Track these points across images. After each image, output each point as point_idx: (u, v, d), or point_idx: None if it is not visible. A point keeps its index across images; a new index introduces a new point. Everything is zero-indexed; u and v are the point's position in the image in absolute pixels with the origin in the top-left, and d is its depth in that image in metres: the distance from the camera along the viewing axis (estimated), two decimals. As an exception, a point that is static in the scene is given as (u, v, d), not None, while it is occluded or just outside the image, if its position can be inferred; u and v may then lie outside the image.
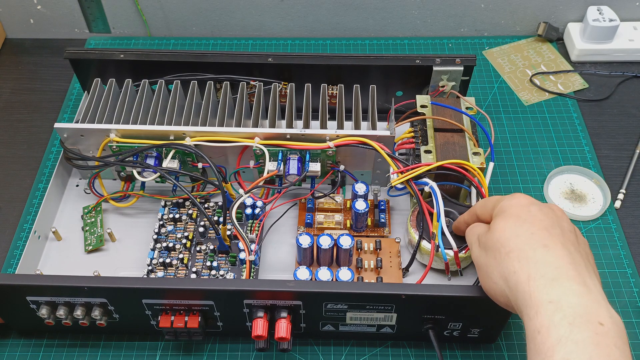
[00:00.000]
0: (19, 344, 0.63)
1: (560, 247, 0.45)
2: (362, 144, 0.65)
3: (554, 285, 0.42)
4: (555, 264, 0.44)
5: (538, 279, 0.42)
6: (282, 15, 0.94)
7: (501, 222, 0.49)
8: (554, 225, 0.47)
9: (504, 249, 0.47)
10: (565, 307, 0.40)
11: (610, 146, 0.80)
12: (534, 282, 0.42)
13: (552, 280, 0.42)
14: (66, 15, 0.94)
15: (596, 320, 0.40)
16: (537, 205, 0.49)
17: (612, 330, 0.40)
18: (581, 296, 0.41)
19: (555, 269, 0.43)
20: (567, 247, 0.45)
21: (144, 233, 0.69)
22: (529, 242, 0.46)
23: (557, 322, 0.40)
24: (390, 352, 0.62)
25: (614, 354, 0.39)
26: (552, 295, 0.41)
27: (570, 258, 0.44)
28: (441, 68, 0.72)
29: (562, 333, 0.39)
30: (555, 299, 0.41)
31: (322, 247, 0.62)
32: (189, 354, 0.62)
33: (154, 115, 0.70)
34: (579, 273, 0.43)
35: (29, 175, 0.78)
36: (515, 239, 0.46)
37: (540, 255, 0.44)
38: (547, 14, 0.93)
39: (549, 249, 0.45)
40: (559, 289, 0.42)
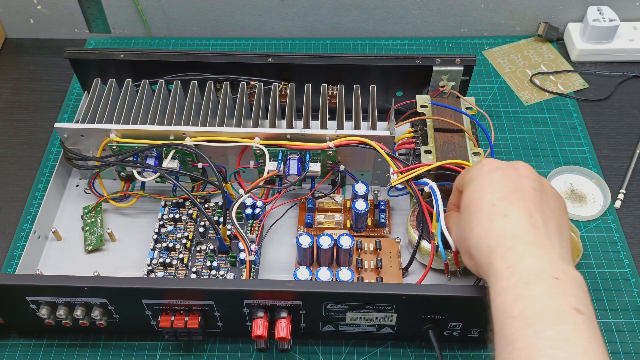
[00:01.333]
0: (19, 344, 0.63)
1: (519, 213, 0.46)
2: (362, 144, 0.65)
3: (511, 252, 0.44)
4: (512, 232, 0.45)
5: (497, 249, 0.45)
6: (282, 15, 0.94)
7: (466, 197, 0.50)
8: (516, 189, 0.48)
9: (468, 226, 0.49)
10: (521, 269, 0.43)
11: (610, 146, 0.80)
12: (493, 253, 0.45)
13: (509, 248, 0.44)
14: (66, 15, 0.94)
15: (550, 276, 0.42)
16: (500, 170, 0.50)
17: (567, 282, 0.42)
18: (536, 257, 0.43)
19: (512, 237, 0.45)
20: (528, 211, 0.46)
21: (144, 233, 0.69)
22: (489, 215, 0.47)
23: (514, 283, 0.42)
24: (390, 352, 0.62)
25: (569, 301, 0.41)
26: (508, 262, 0.44)
27: (529, 222, 0.46)
28: (441, 68, 0.72)
29: (518, 292, 0.42)
30: (512, 264, 0.43)
31: (322, 247, 0.62)
32: (189, 354, 0.62)
33: (154, 115, 0.70)
34: (537, 236, 0.45)
35: (29, 175, 0.78)
36: (477, 214, 0.48)
37: (499, 226, 0.46)
38: (547, 14, 0.93)
39: (508, 218, 0.46)
40: (515, 255, 0.44)
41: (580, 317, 0.40)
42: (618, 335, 0.63)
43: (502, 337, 0.42)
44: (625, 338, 0.63)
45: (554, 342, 0.39)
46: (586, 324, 0.40)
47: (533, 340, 0.39)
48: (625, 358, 0.61)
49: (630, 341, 0.62)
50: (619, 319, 0.64)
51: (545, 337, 0.39)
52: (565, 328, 0.40)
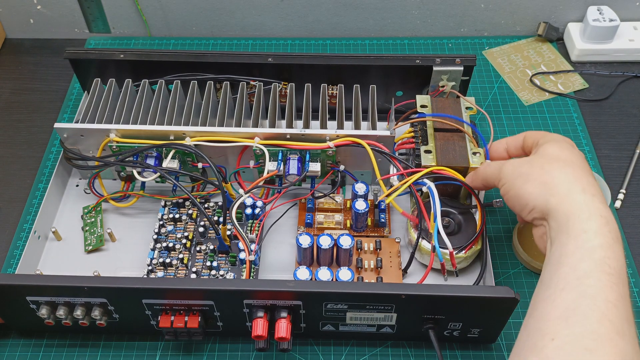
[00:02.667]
0: (19, 344, 0.63)
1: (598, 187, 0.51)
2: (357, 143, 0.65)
3: (606, 208, 0.48)
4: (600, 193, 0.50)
5: (592, 195, 0.49)
6: (282, 15, 0.94)
7: (555, 148, 0.54)
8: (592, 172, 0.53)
9: (557, 163, 0.52)
10: (612, 227, 0.47)
11: (610, 146, 0.80)
12: (590, 196, 0.48)
13: (602, 202, 0.48)
14: (66, 15, 0.94)
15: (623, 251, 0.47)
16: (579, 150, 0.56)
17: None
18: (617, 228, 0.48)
19: (602, 196, 0.49)
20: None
21: (144, 233, 0.69)
22: (584, 170, 0.52)
23: (607, 232, 0.46)
24: (390, 352, 0.62)
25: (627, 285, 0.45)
26: (603, 214, 0.47)
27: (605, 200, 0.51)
28: (441, 68, 0.72)
29: (608, 240, 0.45)
30: (606, 217, 0.47)
31: (322, 247, 0.62)
32: (189, 354, 0.62)
33: (154, 115, 0.70)
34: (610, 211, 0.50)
35: (29, 175, 0.78)
36: (572, 161, 0.52)
37: (592, 181, 0.51)
38: (547, 14, 0.93)
39: (595, 183, 0.51)
40: (609, 213, 0.48)
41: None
42: (618, 335, 0.63)
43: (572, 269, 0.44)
44: (625, 338, 0.63)
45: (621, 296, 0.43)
46: None
47: (605, 286, 0.43)
48: (625, 358, 0.61)
49: (630, 341, 0.62)
50: (619, 319, 0.64)
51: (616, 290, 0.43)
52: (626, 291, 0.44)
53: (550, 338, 0.41)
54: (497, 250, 0.70)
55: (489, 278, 0.63)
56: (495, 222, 0.72)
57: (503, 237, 0.71)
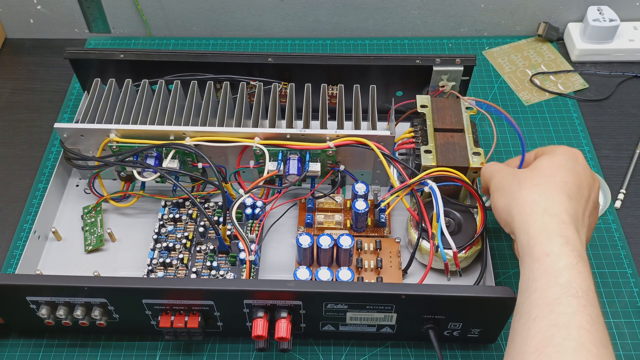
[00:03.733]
0: (19, 344, 0.63)
1: (578, 206, 0.51)
2: (362, 144, 0.65)
3: (567, 227, 0.48)
4: (571, 212, 0.49)
5: (554, 216, 0.48)
6: (282, 15, 0.94)
7: (546, 160, 0.54)
8: (586, 186, 0.53)
9: (535, 180, 0.52)
10: (573, 244, 0.46)
11: (610, 146, 0.80)
12: (550, 217, 0.48)
13: (564, 223, 0.48)
14: (66, 15, 0.94)
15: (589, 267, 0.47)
16: (584, 164, 0.54)
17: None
18: (581, 246, 0.48)
19: (569, 216, 0.49)
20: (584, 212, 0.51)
21: (144, 233, 0.69)
22: (558, 187, 0.51)
23: (568, 252, 0.46)
24: (390, 352, 0.62)
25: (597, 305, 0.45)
26: (564, 234, 0.47)
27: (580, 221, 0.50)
28: (441, 68, 0.72)
29: (571, 261, 0.45)
30: (566, 236, 0.47)
31: (322, 247, 0.62)
32: (189, 354, 0.62)
33: (154, 115, 0.70)
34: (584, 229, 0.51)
35: (29, 175, 0.78)
36: (550, 177, 0.52)
37: (562, 199, 0.50)
38: (547, 14, 0.93)
39: (571, 201, 0.50)
40: (569, 232, 0.47)
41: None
42: (618, 335, 0.63)
43: (541, 296, 0.44)
44: (625, 338, 0.63)
45: (592, 319, 0.42)
46: None
47: (576, 311, 0.43)
48: (625, 358, 0.61)
49: (630, 341, 0.62)
50: (619, 319, 0.64)
51: (587, 313, 0.42)
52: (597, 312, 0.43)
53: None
54: (497, 250, 0.70)
55: (489, 278, 0.63)
56: (495, 222, 0.72)
57: (503, 237, 0.71)
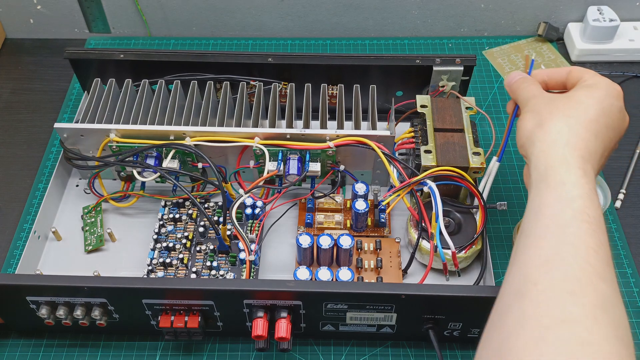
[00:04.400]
0: (19, 344, 0.63)
1: (600, 146, 0.51)
2: (362, 144, 0.65)
3: (586, 163, 0.48)
4: (592, 150, 0.49)
5: (575, 150, 0.49)
6: (282, 15, 0.94)
7: (585, 94, 0.53)
8: (615, 128, 0.53)
9: (567, 111, 0.52)
10: (590, 178, 0.47)
11: (610, 146, 0.80)
12: (570, 150, 0.49)
13: (584, 158, 0.48)
14: (66, 15, 0.94)
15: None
16: (620, 104, 0.55)
17: None
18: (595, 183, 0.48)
19: (590, 154, 0.49)
20: (603, 153, 0.51)
21: (144, 233, 0.69)
22: (588, 123, 0.51)
23: (584, 183, 0.46)
24: (390, 352, 0.62)
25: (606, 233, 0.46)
26: (583, 167, 0.48)
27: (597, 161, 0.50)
28: (441, 68, 0.72)
29: (586, 191, 0.46)
30: (585, 170, 0.48)
31: (322, 247, 0.62)
32: (189, 354, 0.62)
33: (154, 115, 0.70)
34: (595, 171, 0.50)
35: (29, 175, 0.78)
36: (583, 112, 0.51)
37: (588, 136, 0.50)
38: (547, 14, 0.93)
39: (597, 140, 0.50)
40: (587, 167, 0.48)
41: None
42: (618, 335, 0.63)
43: (552, 218, 0.45)
44: (625, 338, 0.63)
45: (601, 243, 0.43)
46: None
47: (586, 234, 0.43)
48: (625, 358, 0.61)
49: (630, 341, 0.62)
50: (619, 319, 0.64)
51: (596, 237, 0.44)
52: (605, 240, 0.44)
53: (533, 283, 0.42)
54: (497, 250, 0.70)
55: (489, 278, 0.63)
56: (495, 222, 0.72)
57: (503, 237, 0.71)
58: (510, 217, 0.73)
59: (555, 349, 0.37)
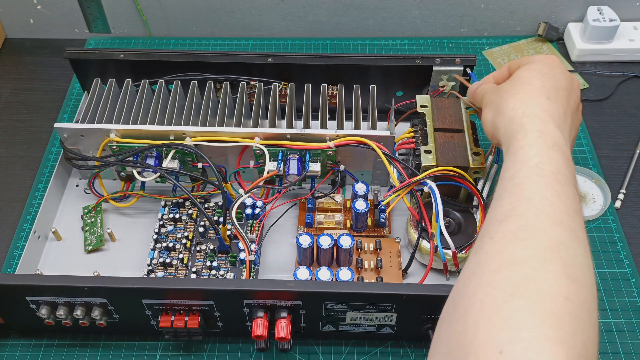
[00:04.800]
0: (19, 344, 0.63)
1: (559, 106, 0.53)
2: (362, 144, 0.65)
3: (544, 124, 0.50)
4: (550, 111, 0.51)
5: (532, 117, 0.51)
6: (282, 15, 0.94)
7: (524, 70, 0.56)
8: (565, 88, 0.55)
9: (513, 90, 0.54)
10: (548, 137, 0.49)
11: (610, 146, 0.80)
12: (528, 118, 0.51)
13: (542, 120, 0.50)
14: (66, 15, 0.94)
15: (568, 157, 0.48)
16: (561, 68, 0.56)
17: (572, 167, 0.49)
18: (560, 137, 0.49)
19: (548, 115, 0.51)
20: (565, 111, 0.53)
21: (144, 233, 0.69)
22: (536, 91, 0.53)
23: (540, 143, 0.48)
24: (390, 352, 0.62)
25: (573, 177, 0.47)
26: (540, 128, 0.49)
27: (562, 119, 0.52)
28: (441, 68, 0.72)
29: (541, 149, 0.47)
30: (542, 131, 0.49)
31: (322, 247, 0.62)
32: (189, 354, 0.62)
33: (154, 115, 0.70)
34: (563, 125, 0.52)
35: (29, 175, 0.78)
36: (528, 85, 0.54)
37: (541, 101, 0.52)
38: (547, 14, 0.93)
39: (550, 101, 0.52)
40: (546, 128, 0.50)
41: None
42: (618, 335, 0.63)
43: (510, 180, 0.46)
44: (625, 338, 0.63)
45: (558, 193, 0.44)
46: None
47: (540, 187, 0.45)
48: (625, 358, 0.61)
49: (630, 341, 0.62)
50: (619, 319, 0.64)
51: (553, 189, 0.45)
52: (570, 190, 0.45)
53: (489, 237, 0.43)
54: (497, 250, 0.70)
55: (489, 278, 0.63)
56: (495, 222, 0.72)
57: (503, 237, 0.71)
58: (510, 217, 0.73)
59: (498, 288, 0.39)
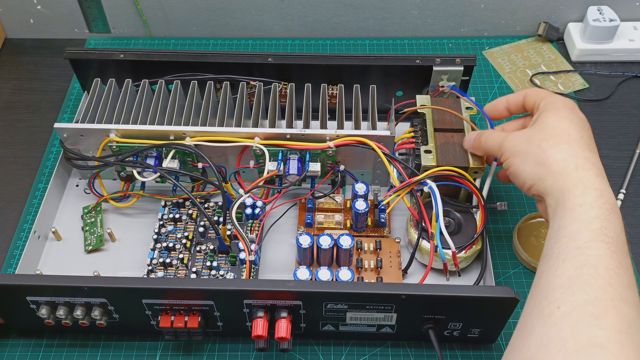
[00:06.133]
0: (19, 344, 0.63)
1: (597, 156, 0.53)
2: (362, 143, 0.65)
3: (600, 180, 0.49)
4: (596, 164, 0.51)
5: (586, 170, 0.50)
6: (282, 15, 0.94)
7: (553, 118, 0.55)
8: (591, 136, 0.55)
9: (554, 139, 0.53)
10: (607, 197, 0.48)
11: (610, 146, 0.80)
12: (583, 171, 0.50)
13: (596, 175, 0.50)
14: (66, 15, 0.94)
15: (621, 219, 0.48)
16: (580, 113, 0.56)
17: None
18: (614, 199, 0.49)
19: (597, 169, 0.50)
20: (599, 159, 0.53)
21: (144, 233, 0.69)
22: (579, 143, 0.52)
23: (601, 204, 0.47)
24: (390, 352, 0.62)
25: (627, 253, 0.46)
26: (598, 186, 0.49)
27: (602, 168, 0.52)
28: (441, 68, 0.72)
29: (603, 211, 0.47)
30: (600, 189, 0.48)
31: (322, 247, 0.62)
32: (189, 354, 0.62)
33: (154, 115, 0.70)
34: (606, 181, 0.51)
35: (29, 175, 0.78)
36: (567, 135, 0.53)
37: (587, 154, 0.51)
38: (547, 14, 0.93)
39: (592, 153, 0.52)
40: (603, 185, 0.49)
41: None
42: (618, 335, 0.63)
43: (571, 240, 0.45)
44: (625, 338, 0.63)
45: (621, 264, 0.44)
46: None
47: (605, 255, 0.44)
48: (625, 358, 0.61)
49: (630, 341, 0.62)
50: (619, 319, 0.64)
51: (616, 258, 0.44)
52: (627, 260, 0.45)
53: (556, 306, 0.42)
54: (497, 250, 0.70)
55: (489, 278, 0.63)
56: (495, 222, 0.72)
57: (503, 237, 0.71)
58: (510, 217, 0.73)
59: None
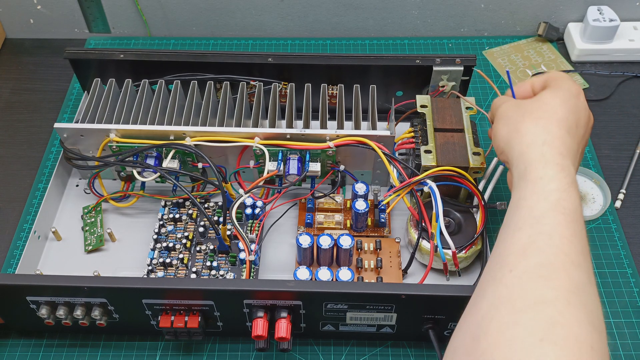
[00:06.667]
0: (19, 344, 0.63)
1: (574, 143, 0.53)
2: (362, 144, 0.65)
3: (562, 159, 0.50)
4: (568, 146, 0.52)
5: (553, 148, 0.51)
6: (282, 15, 0.94)
7: (549, 95, 0.56)
8: (583, 125, 0.55)
9: (537, 113, 0.54)
10: (567, 173, 0.49)
11: (610, 146, 0.80)
12: (549, 148, 0.51)
13: (561, 154, 0.51)
14: (66, 15, 0.94)
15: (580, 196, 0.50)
16: (584, 102, 0.57)
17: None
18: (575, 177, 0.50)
19: (566, 150, 0.51)
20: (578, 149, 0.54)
21: (144, 233, 0.69)
22: (559, 122, 0.53)
23: (561, 177, 0.48)
24: (390, 352, 0.62)
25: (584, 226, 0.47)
26: (560, 162, 0.50)
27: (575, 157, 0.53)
28: (441, 68, 0.72)
29: (562, 184, 0.48)
30: (562, 164, 0.49)
31: (322, 247, 0.62)
32: (189, 354, 0.62)
33: (154, 115, 0.70)
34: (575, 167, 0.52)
35: (29, 175, 0.78)
36: (553, 113, 0.54)
37: (562, 134, 0.52)
38: (547, 14, 0.93)
39: (570, 136, 0.52)
40: (565, 163, 0.50)
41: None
42: (618, 335, 0.63)
43: (529, 210, 0.47)
44: (626, 338, 0.63)
45: (576, 233, 0.45)
46: None
47: (560, 224, 0.45)
48: (625, 358, 0.61)
49: (631, 341, 0.62)
50: (619, 319, 0.64)
51: (571, 228, 0.45)
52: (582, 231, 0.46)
53: (508, 270, 0.43)
54: (497, 250, 0.70)
55: (489, 278, 0.63)
56: (495, 222, 0.72)
57: (503, 237, 0.71)
58: (510, 217, 0.73)
59: (527, 330, 0.39)
